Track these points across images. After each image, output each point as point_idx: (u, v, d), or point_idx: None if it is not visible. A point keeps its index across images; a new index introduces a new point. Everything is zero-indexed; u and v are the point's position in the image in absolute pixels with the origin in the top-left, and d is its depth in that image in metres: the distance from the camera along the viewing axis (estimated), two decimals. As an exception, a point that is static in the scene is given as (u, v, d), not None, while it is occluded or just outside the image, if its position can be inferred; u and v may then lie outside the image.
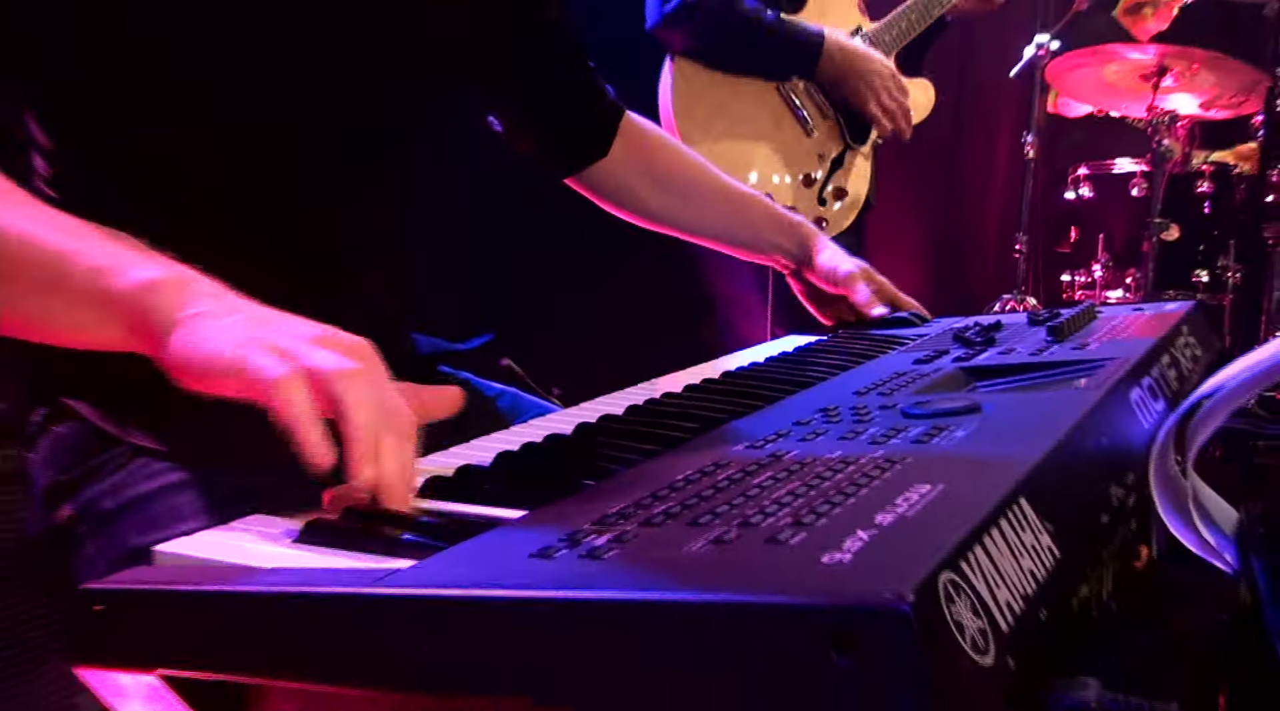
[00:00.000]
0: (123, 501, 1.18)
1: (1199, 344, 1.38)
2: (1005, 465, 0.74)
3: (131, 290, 0.90)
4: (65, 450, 1.25)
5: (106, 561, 1.17)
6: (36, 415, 1.30)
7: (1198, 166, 4.38)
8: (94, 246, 0.95)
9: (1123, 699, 0.65)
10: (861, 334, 1.60)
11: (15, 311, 0.98)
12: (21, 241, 0.94)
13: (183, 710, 0.70)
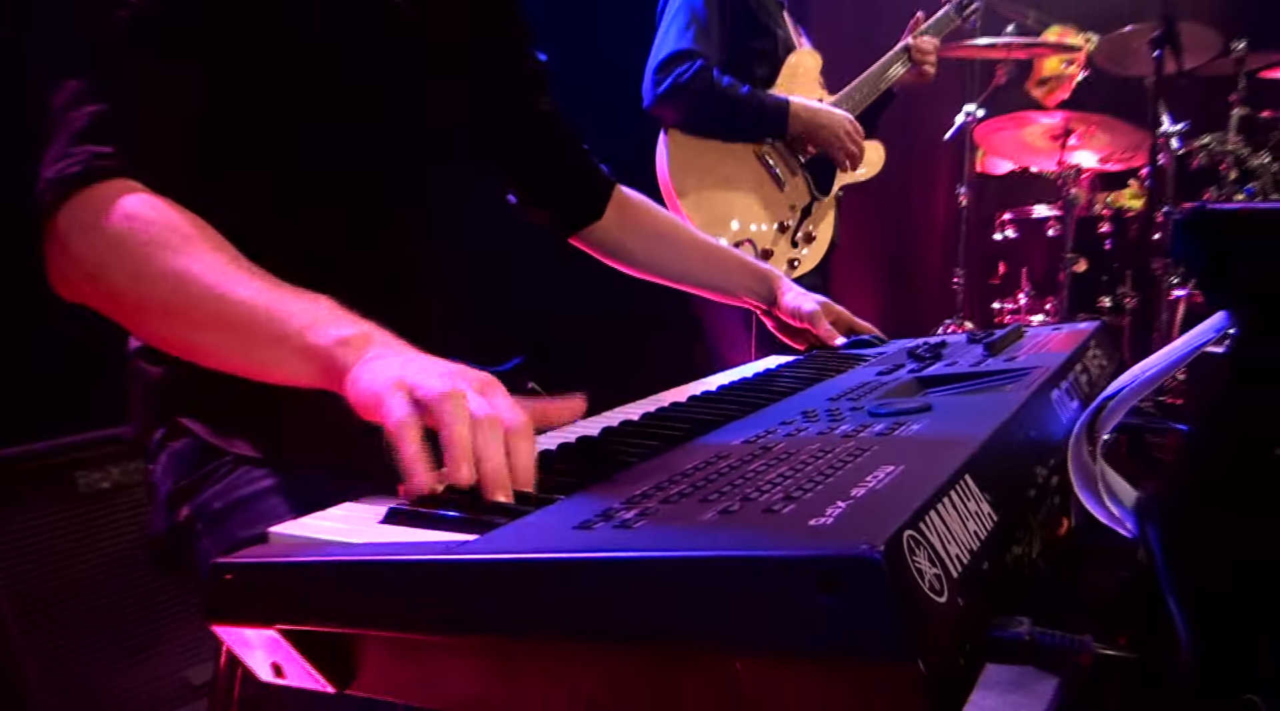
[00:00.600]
0: (230, 502, 1.20)
1: (1104, 356, 1.41)
2: (953, 449, 0.77)
3: (328, 345, 0.95)
4: (181, 461, 1.27)
5: (219, 551, 1.18)
6: (156, 434, 1.32)
7: (1099, 210, 4.40)
8: (301, 308, 0.99)
9: (1048, 631, 0.67)
10: (831, 353, 1.63)
11: (231, 356, 1.03)
12: (250, 305, 0.99)
13: (297, 657, 0.72)
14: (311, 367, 0.96)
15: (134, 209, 1.05)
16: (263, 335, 0.99)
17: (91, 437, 2.14)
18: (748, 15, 2.93)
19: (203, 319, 1.02)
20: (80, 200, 1.06)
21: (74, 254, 1.06)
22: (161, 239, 1.03)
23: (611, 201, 1.74)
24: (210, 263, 1.03)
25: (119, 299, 1.07)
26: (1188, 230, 0.95)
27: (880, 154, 3.19)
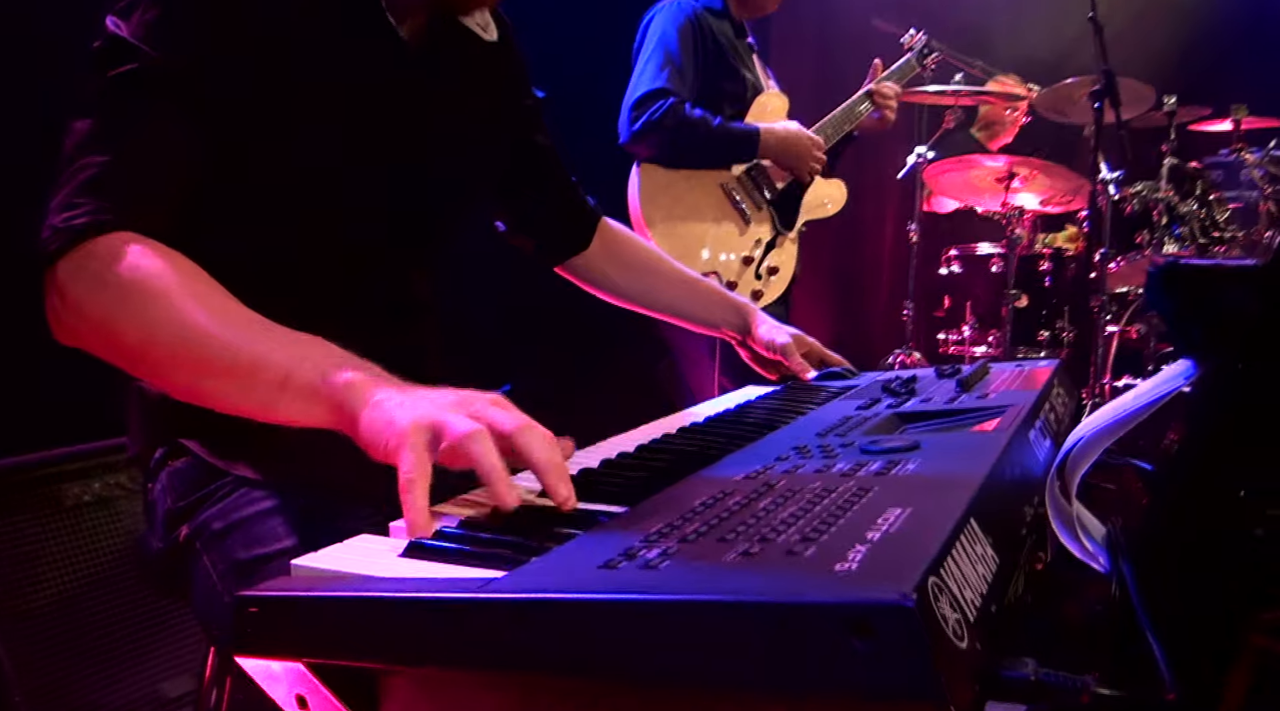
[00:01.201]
0: (229, 523, 1.18)
1: (1066, 394, 1.42)
2: (954, 491, 0.77)
3: (336, 388, 0.96)
4: (182, 481, 1.25)
5: (218, 571, 1.17)
6: (157, 453, 1.30)
7: (1040, 249, 4.47)
8: (304, 353, 1.01)
9: (1051, 672, 0.67)
10: (808, 386, 1.63)
11: (238, 400, 1.03)
12: (254, 351, 1.00)
13: (323, 690, 0.71)
14: (319, 409, 0.97)
15: (138, 261, 1.04)
16: (268, 380, 0.99)
17: (76, 451, 2.09)
18: (720, 57, 2.95)
19: (210, 367, 1.02)
20: (84, 251, 1.05)
21: (77, 304, 1.05)
22: (166, 290, 1.03)
23: (597, 233, 1.74)
24: (215, 311, 1.03)
25: (125, 349, 1.06)
26: (1161, 283, 0.96)
27: (842, 192, 3.22)
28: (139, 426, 1.34)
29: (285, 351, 1.00)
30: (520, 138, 1.60)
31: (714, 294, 1.82)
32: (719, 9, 3.02)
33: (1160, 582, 0.92)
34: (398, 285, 1.42)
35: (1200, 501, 0.94)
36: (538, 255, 1.72)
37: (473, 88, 1.45)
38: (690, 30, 2.89)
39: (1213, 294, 0.94)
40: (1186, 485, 0.96)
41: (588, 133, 3.07)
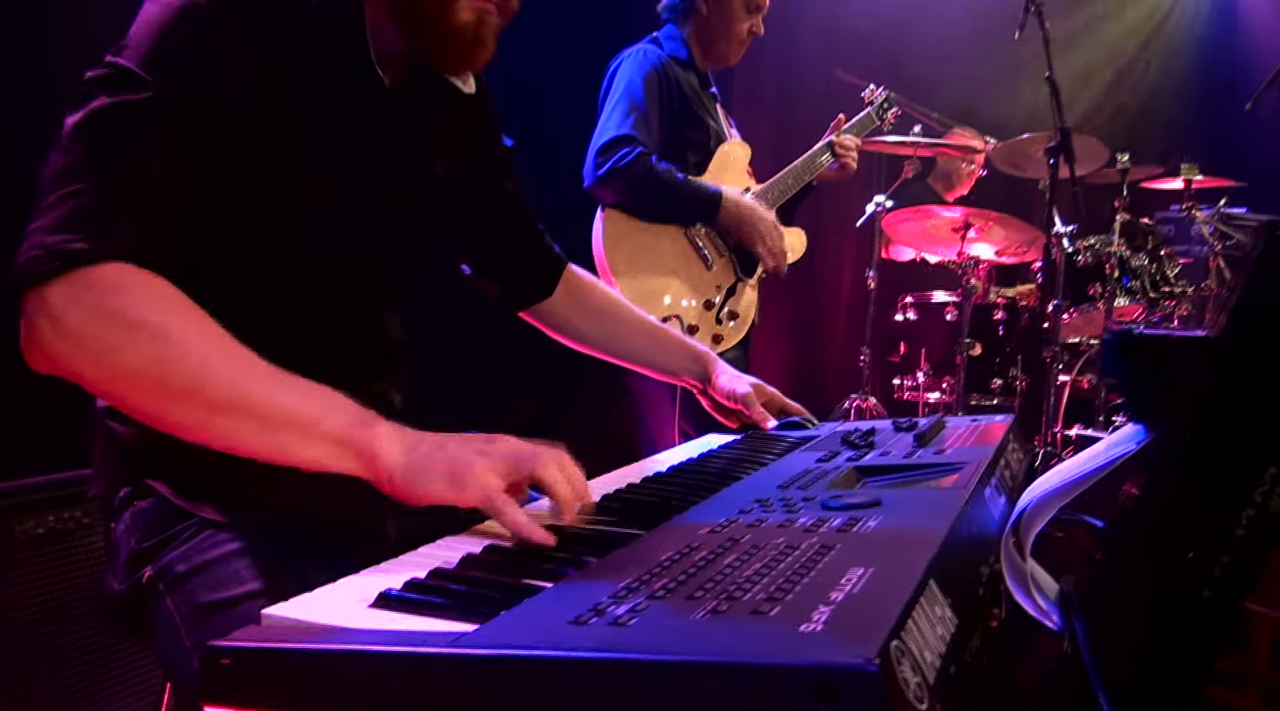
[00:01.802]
0: (193, 565, 1.17)
1: (1020, 449, 1.46)
2: (914, 551, 0.79)
3: (364, 438, 1.04)
4: (146, 522, 1.24)
5: (181, 613, 1.16)
6: (122, 492, 1.28)
7: (994, 299, 4.55)
8: (326, 399, 1.07)
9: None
10: (768, 435, 1.65)
11: (250, 439, 1.06)
12: (274, 395, 1.05)
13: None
14: (346, 455, 1.04)
15: (143, 295, 1.05)
16: (292, 425, 1.04)
17: (28, 484, 2.06)
18: (685, 106, 2.99)
19: (227, 408, 1.04)
20: (81, 278, 1.03)
21: (75, 332, 1.03)
22: (180, 329, 1.05)
23: (562, 280, 1.76)
24: (230, 353, 1.06)
25: (126, 382, 1.05)
26: (1115, 350, 1.00)
27: (802, 241, 3.27)
28: (104, 464, 1.32)
29: (307, 398, 1.06)
30: (490, 185, 1.62)
31: (675, 342, 1.84)
32: (684, 59, 3.06)
33: (1111, 642, 0.95)
34: (368, 323, 1.43)
35: (1150, 562, 0.97)
36: (502, 299, 1.74)
37: (449, 136, 1.47)
38: (656, 79, 2.93)
39: (1165, 363, 0.97)
40: (1137, 546, 0.99)
41: (555, 176, 3.11)
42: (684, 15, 3.12)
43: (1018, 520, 1.05)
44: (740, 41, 3.11)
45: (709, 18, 3.08)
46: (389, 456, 1.02)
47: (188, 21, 1.16)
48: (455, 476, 1.01)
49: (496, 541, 0.99)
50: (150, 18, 1.17)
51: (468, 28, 1.28)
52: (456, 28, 1.27)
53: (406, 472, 1.02)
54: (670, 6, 3.14)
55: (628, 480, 1.26)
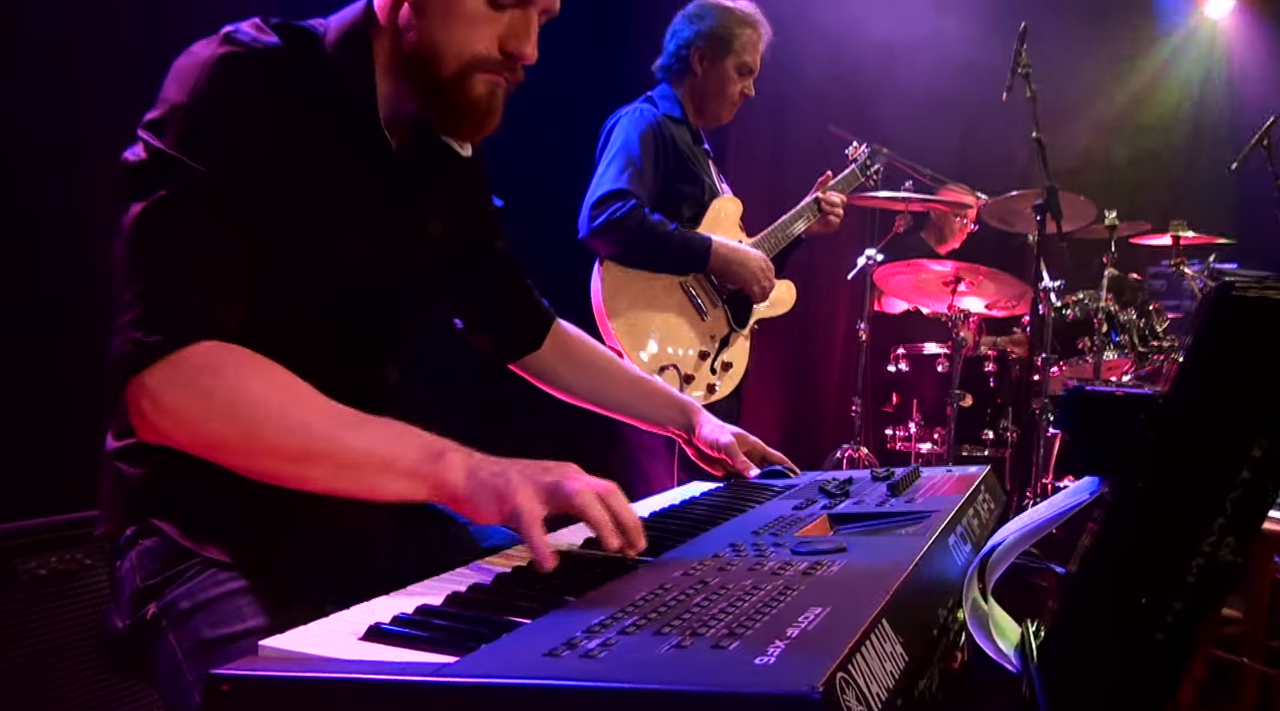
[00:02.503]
0: (197, 602, 1.22)
1: (992, 499, 1.51)
2: (870, 593, 0.85)
3: (433, 470, 1.15)
4: (151, 559, 1.29)
5: (183, 649, 1.21)
6: (128, 531, 1.33)
7: (985, 351, 4.61)
8: (399, 436, 1.18)
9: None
10: (749, 484, 1.71)
11: (342, 483, 1.17)
12: (355, 441, 1.17)
13: (285, 766, 0.76)
14: (421, 486, 1.15)
15: (227, 369, 1.17)
16: (373, 465, 1.16)
17: (30, 525, 2.10)
18: (679, 162, 3.08)
19: (314, 457, 1.16)
20: (172, 363, 1.15)
21: (174, 411, 1.15)
22: (263, 393, 1.17)
23: (550, 334, 1.82)
24: (310, 406, 1.18)
25: (224, 447, 1.17)
26: (1068, 407, 1.06)
27: (792, 293, 3.34)
28: (111, 505, 1.37)
29: (384, 440, 1.17)
30: (481, 244, 1.69)
31: (660, 394, 1.91)
32: (678, 117, 3.16)
33: (1067, 684, 1.00)
34: (367, 374, 1.50)
35: (1105, 608, 1.02)
36: (493, 353, 1.81)
37: (447, 198, 1.55)
38: (651, 136, 3.02)
39: (1115, 420, 1.03)
40: (1092, 592, 1.04)
41: (553, 229, 3.19)
42: (678, 76, 3.22)
43: (981, 564, 1.10)
44: (732, 103, 3.21)
45: (703, 80, 3.18)
46: (455, 483, 1.13)
47: (218, 94, 1.25)
48: (501, 498, 1.10)
49: (482, 580, 1.04)
50: (182, 88, 1.25)
51: (482, 101, 1.36)
52: (472, 101, 1.36)
53: (467, 495, 1.12)
54: (665, 68, 3.24)
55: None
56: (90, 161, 2.36)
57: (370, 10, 1.39)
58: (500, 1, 1.32)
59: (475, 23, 1.32)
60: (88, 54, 2.57)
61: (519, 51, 1.35)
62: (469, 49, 1.33)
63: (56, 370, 2.56)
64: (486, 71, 1.35)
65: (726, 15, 3.16)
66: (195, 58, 1.26)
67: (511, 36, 1.34)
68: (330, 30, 1.40)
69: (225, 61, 1.26)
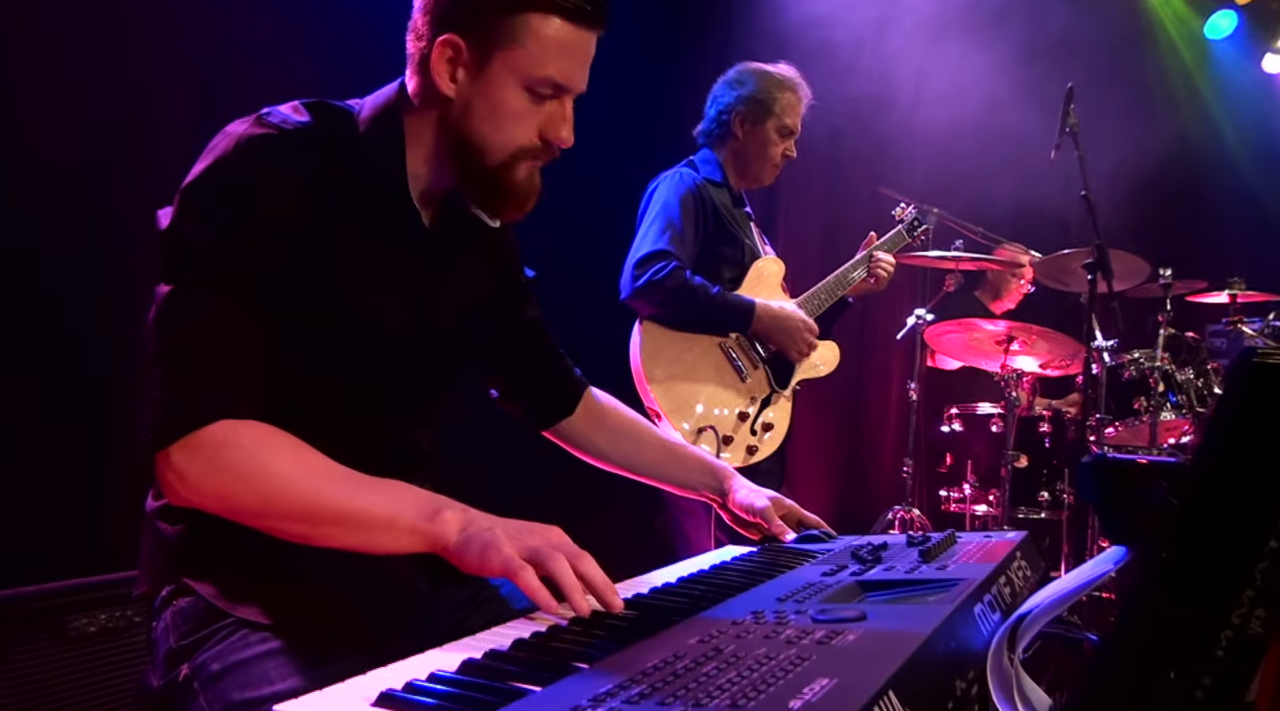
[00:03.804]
0: (227, 665, 1.25)
1: (1029, 566, 1.49)
2: (880, 663, 0.84)
3: (431, 528, 1.24)
4: (185, 620, 1.32)
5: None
6: (164, 591, 1.37)
7: (1039, 411, 4.56)
8: (400, 497, 1.28)
9: None
10: (781, 548, 1.70)
11: (350, 541, 1.27)
12: (362, 504, 1.26)
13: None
14: (419, 541, 1.25)
15: (245, 445, 1.25)
16: (377, 525, 1.25)
17: (81, 583, 2.15)
18: (719, 224, 3.11)
19: (324, 519, 1.26)
20: (195, 441, 1.24)
21: (197, 484, 1.25)
22: (278, 465, 1.25)
23: (582, 401, 1.85)
24: (319, 474, 1.27)
25: (243, 514, 1.27)
26: (1090, 476, 1.05)
27: (835, 354, 3.33)
28: (149, 565, 1.42)
29: (386, 500, 1.27)
30: (512, 313, 1.74)
31: (691, 458, 1.92)
32: (718, 180, 3.20)
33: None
34: (400, 438, 1.53)
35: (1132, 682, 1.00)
36: (526, 420, 1.84)
37: (477, 267, 1.59)
38: (691, 199, 3.06)
39: (1137, 488, 1.02)
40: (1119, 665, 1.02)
41: (593, 292, 3.23)
42: (719, 140, 3.27)
43: (1009, 632, 1.09)
44: (774, 165, 3.24)
45: (744, 143, 3.23)
46: (449, 538, 1.23)
47: (245, 174, 1.32)
48: (485, 551, 1.19)
49: (500, 645, 1.05)
50: (211, 166, 1.32)
51: (524, 185, 1.45)
52: (516, 186, 1.44)
53: (458, 548, 1.22)
54: (706, 132, 3.29)
55: (635, 591, 1.32)
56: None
57: (403, 90, 1.45)
58: (541, 93, 1.40)
59: (520, 118, 1.41)
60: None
61: (558, 138, 1.43)
62: (515, 141, 1.41)
63: (106, 430, 2.63)
64: (529, 159, 1.43)
65: (766, 79, 3.21)
66: (227, 137, 1.34)
67: (550, 125, 1.42)
68: (364, 108, 1.46)
69: (254, 142, 1.33)
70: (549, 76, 1.39)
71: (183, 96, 2.86)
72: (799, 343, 3.13)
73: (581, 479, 2.68)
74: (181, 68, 2.88)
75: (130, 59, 2.74)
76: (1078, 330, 4.48)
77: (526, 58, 1.37)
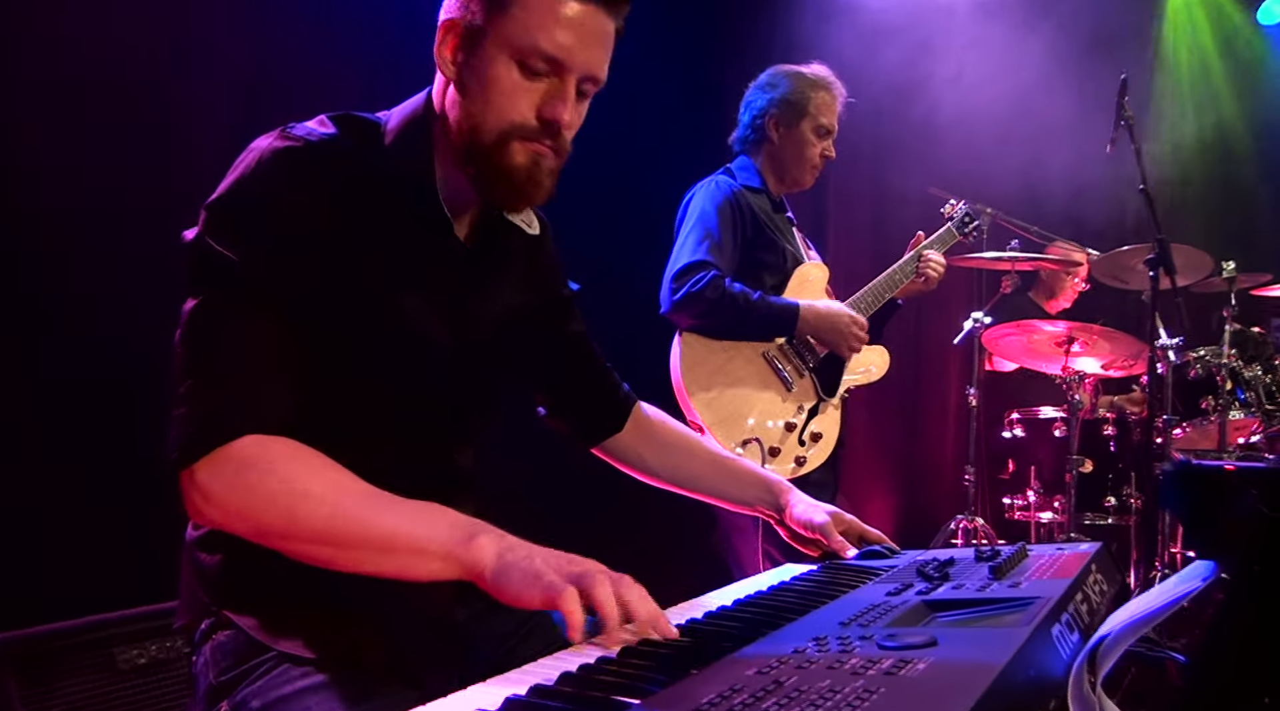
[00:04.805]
0: (268, 701, 1.22)
1: (1105, 580, 1.41)
2: (955, 698, 0.78)
3: (465, 552, 1.17)
4: (225, 655, 1.29)
5: None
6: (203, 624, 1.34)
7: (1102, 413, 4.44)
8: (432, 520, 1.22)
9: None
10: (843, 566, 1.64)
11: (377, 566, 1.20)
12: (391, 526, 1.20)
13: None
14: (453, 567, 1.18)
15: (270, 462, 1.21)
16: (407, 549, 1.19)
17: (130, 614, 2.15)
18: (758, 231, 3.05)
19: (350, 542, 1.20)
20: (220, 457, 1.21)
21: (221, 502, 1.21)
22: (304, 485, 1.20)
23: (631, 416, 1.80)
24: (348, 494, 1.22)
25: (268, 535, 1.22)
26: (1173, 485, 0.98)
27: (885, 358, 3.26)
28: (188, 596, 1.39)
29: (417, 523, 1.21)
30: (556, 327, 1.69)
31: (747, 473, 1.85)
32: (756, 187, 3.14)
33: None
34: (440, 458, 1.49)
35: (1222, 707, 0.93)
36: (574, 436, 1.79)
37: (513, 279, 1.55)
38: (729, 207, 3.00)
39: (1225, 497, 0.95)
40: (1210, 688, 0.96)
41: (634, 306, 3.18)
42: (755, 146, 3.22)
43: (1089, 656, 1.02)
44: (813, 166, 3.18)
45: (780, 146, 3.17)
46: (484, 563, 1.16)
47: (268, 188, 1.29)
48: (527, 580, 1.12)
49: (548, 678, 1.00)
50: (236, 180, 1.30)
51: (521, 170, 1.37)
52: (512, 168, 1.37)
53: (495, 575, 1.15)
54: (741, 139, 3.24)
55: (692, 614, 1.26)
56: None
57: (430, 100, 1.42)
58: (535, 69, 1.33)
59: (512, 93, 1.34)
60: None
61: (554, 117, 1.35)
62: (506, 118, 1.34)
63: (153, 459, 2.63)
64: (525, 139, 1.36)
65: (799, 79, 3.15)
66: (252, 152, 1.32)
67: (546, 103, 1.35)
68: (392, 118, 1.43)
69: (277, 155, 1.30)
70: (538, 46, 1.31)
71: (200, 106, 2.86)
72: (848, 338, 3.05)
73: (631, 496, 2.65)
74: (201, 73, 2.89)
75: (130, 58, 2.75)
76: (1139, 329, 4.36)
77: (514, 26, 1.31)
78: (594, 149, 1.65)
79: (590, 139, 1.51)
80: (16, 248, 2.51)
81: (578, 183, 1.51)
